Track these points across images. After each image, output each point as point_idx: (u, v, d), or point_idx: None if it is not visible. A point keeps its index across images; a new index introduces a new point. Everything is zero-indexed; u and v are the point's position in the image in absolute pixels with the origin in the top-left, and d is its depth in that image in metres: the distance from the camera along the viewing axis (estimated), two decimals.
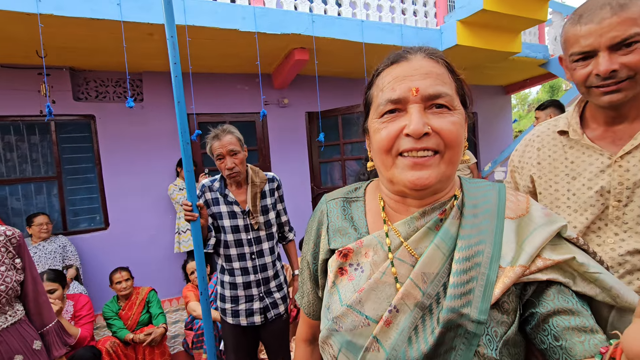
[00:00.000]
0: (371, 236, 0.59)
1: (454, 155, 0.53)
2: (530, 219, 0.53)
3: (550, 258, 0.49)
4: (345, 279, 0.58)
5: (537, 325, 0.48)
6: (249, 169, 1.83)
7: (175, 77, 1.58)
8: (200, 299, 1.67)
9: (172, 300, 4.08)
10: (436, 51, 0.57)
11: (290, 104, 4.63)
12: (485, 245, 0.51)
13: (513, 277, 0.48)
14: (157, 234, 3.97)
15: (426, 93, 0.51)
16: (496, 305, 0.49)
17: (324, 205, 0.69)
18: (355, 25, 3.61)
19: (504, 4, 3.60)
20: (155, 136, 3.96)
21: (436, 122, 0.51)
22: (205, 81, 4.13)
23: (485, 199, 0.56)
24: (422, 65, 0.54)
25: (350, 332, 0.54)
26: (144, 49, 3.29)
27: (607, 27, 0.76)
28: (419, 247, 0.55)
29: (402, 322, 0.51)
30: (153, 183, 3.94)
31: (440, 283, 0.52)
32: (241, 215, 1.75)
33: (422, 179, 0.51)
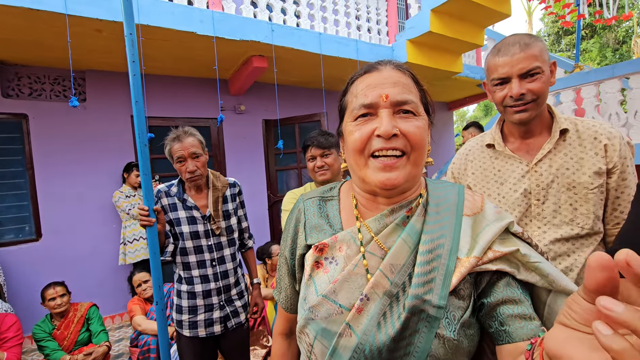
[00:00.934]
0: (345, 232, 0.64)
1: (418, 157, 0.59)
2: (484, 216, 0.60)
3: (499, 250, 0.55)
4: (321, 272, 0.63)
5: (487, 312, 0.55)
6: (210, 173, 1.78)
7: (133, 75, 1.52)
8: (156, 310, 1.58)
9: (115, 317, 3.75)
10: (403, 64, 0.65)
11: (246, 111, 4.58)
12: (445, 239, 0.57)
13: (468, 267, 0.54)
14: (99, 245, 3.65)
15: (395, 99, 0.58)
16: (454, 292, 0.55)
17: (301, 204, 0.74)
18: (314, 37, 3.72)
19: (448, 28, 3.96)
20: (98, 139, 3.68)
21: (403, 125, 0.58)
22: (158, 83, 3.95)
23: (446, 198, 0.63)
24: (391, 75, 0.60)
25: (325, 320, 0.58)
26: (89, 46, 3.07)
27: (517, 60, 0.97)
28: (387, 241, 0.60)
29: (372, 309, 0.56)
30: (95, 190, 3.64)
31: (406, 273, 0.57)
32: (201, 221, 1.69)
33: (391, 179, 0.57)
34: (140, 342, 2.64)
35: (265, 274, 3.25)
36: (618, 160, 1.00)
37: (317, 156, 1.63)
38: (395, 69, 0.62)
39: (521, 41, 0.98)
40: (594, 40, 14.67)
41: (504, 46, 1.00)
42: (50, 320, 2.56)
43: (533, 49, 0.97)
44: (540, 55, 0.97)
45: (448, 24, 3.94)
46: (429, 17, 3.77)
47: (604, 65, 12.75)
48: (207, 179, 1.76)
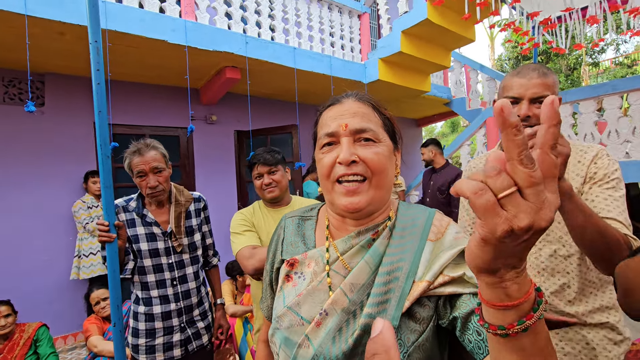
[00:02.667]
0: (315, 250, 0.69)
1: (380, 180, 0.62)
2: (442, 242, 0.62)
3: (448, 275, 0.58)
4: (290, 285, 0.68)
5: (463, 326, 0.56)
6: (173, 188, 1.71)
7: (97, 84, 1.45)
8: (113, 332, 1.48)
9: (68, 337, 3.48)
10: (365, 95, 0.69)
11: (218, 121, 4.51)
12: (405, 262, 0.60)
13: (419, 291, 0.57)
14: (51, 259, 3.40)
15: (353, 128, 0.63)
16: (410, 315, 0.58)
17: (283, 222, 0.80)
18: (288, 51, 3.75)
19: (417, 49, 4.14)
20: (57, 146, 3.46)
21: (362, 152, 0.62)
22: (124, 90, 3.80)
23: (413, 222, 0.66)
24: (351, 106, 0.66)
25: (287, 330, 0.63)
26: (51, 48, 2.92)
27: (532, 85, 1.02)
28: (352, 261, 0.64)
29: (330, 323, 0.60)
30: (48, 200, 3.41)
31: (366, 292, 0.60)
32: (162, 237, 1.60)
33: (354, 203, 0.61)
34: None
35: (234, 290, 3.15)
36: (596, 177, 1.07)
37: (264, 173, 1.59)
38: (356, 100, 0.67)
39: (540, 69, 1.04)
40: (549, 65, 15.89)
41: (524, 69, 1.05)
42: None
43: (549, 79, 1.02)
44: (552, 86, 1.02)
45: (417, 45, 4.12)
46: (400, 38, 3.93)
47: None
48: (169, 194, 1.69)
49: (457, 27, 3.98)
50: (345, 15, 4.58)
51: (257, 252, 1.42)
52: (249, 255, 1.41)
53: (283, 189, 1.62)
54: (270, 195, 1.58)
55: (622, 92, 3.47)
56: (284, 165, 1.66)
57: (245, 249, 1.45)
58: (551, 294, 1.11)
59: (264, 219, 1.62)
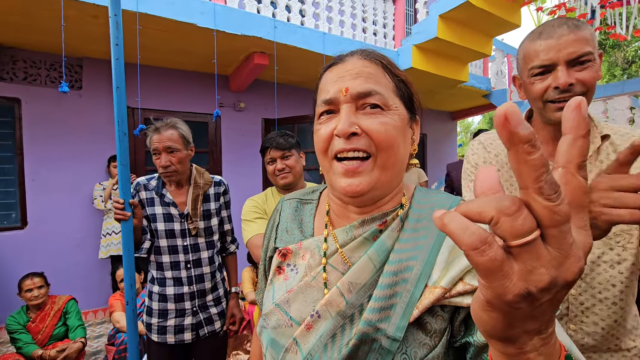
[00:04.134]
0: (311, 239, 0.59)
1: (387, 159, 0.51)
2: None
3: (470, 283, 0.46)
4: (281, 278, 0.59)
5: (477, 354, 0.45)
6: (194, 169, 1.68)
7: (116, 59, 1.43)
8: (125, 310, 1.48)
9: (98, 312, 3.65)
10: (373, 52, 0.56)
11: (246, 109, 4.51)
12: (417, 261, 0.49)
13: (432, 299, 0.46)
14: (85, 237, 3.56)
15: (355, 91, 0.51)
16: (419, 325, 0.47)
17: (280, 205, 0.71)
18: (318, 36, 3.64)
19: (455, 35, 3.88)
20: (92, 129, 3.60)
21: (365, 122, 0.50)
22: (155, 75, 3.87)
23: (431, 212, 0.53)
24: (355, 66, 0.53)
25: (274, 331, 0.54)
26: (87, 32, 3.00)
27: (565, 43, 0.80)
28: (353, 255, 0.54)
29: (322, 328, 0.51)
30: (84, 180, 3.56)
31: (366, 294, 0.50)
32: (178, 219, 1.58)
33: (353, 185, 0.50)
34: (118, 340, 2.54)
35: (254, 277, 3.14)
36: None
37: (276, 158, 1.51)
38: (362, 58, 0.54)
39: (569, 22, 0.81)
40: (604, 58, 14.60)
41: (548, 28, 0.83)
42: (25, 312, 2.47)
43: (584, 31, 0.79)
44: (592, 40, 0.80)
45: (455, 31, 3.86)
46: (437, 22, 3.69)
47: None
48: (190, 175, 1.66)
49: (501, 11, 3.68)
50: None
51: None
52: (259, 243, 1.35)
53: (297, 175, 1.53)
54: (284, 181, 1.50)
55: None
56: (298, 150, 1.57)
57: (257, 237, 1.39)
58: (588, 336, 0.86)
59: None
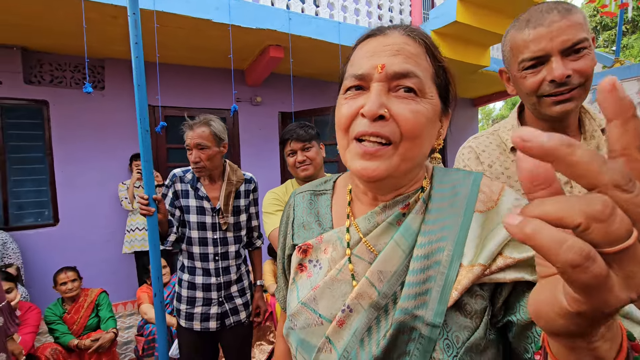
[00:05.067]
0: (331, 232, 0.56)
1: (410, 150, 0.47)
2: (497, 212, 0.47)
3: (511, 256, 0.43)
4: (304, 276, 0.56)
5: (519, 333, 0.43)
6: (227, 166, 1.72)
7: (136, 57, 1.46)
8: (154, 302, 1.53)
9: (127, 304, 3.81)
10: (418, 29, 0.51)
11: (263, 103, 4.52)
12: (447, 242, 0.47)
13: (471, 278, 0.43)
14: (113, 232, 3.70)
15: (391, 70, 0.46)
16: (458, 307, 0.45)
17: (292, 199, 0.67)
18: (333, 26, 3.59)
19: (475, 18, 3.73)
20: (115, 127, 3.71)
21: (396, 106, 0.46)
22: (173, 72, 3.94)
23: (454, 191, 0.51)
24: (396, 41, 0.48)
25: (303, 331, 0.52)
26: (107, 33, 3.07)
27: (557, 30, 0.72)
28: (378, 243, 0.51)
29: (356, 322, 0.48)
30: (110, 177, 3.68)
31: (398, 282, 0.48)
32: (210, 213, 1.63)
33: (369, 169, 0.46)
34: (146, 331, 2.64)
35: (275, 270, 3.19)
36: None
37: (297, 150, 1.50)
38: (404, 34, 0.49)
39: (559, 6, 0.73)
40: (636, 36, 13.70)
41: (536, 14, 0.75)
42: (61, 304, 2.59)
43: (577, 15, 0.72)
44: (585, 24, 0.72)
45: (475, 13, 3.71)
46: (456, 5, 3.56)
47: None
48: (223, 171, 1.71)
49: None
50: None
51: None
52: None
53: (317, 167, 1.52)
54: (305, 173, 1.50)
55: None
56: (318, 141, 1.56)
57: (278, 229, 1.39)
58: None
59: None
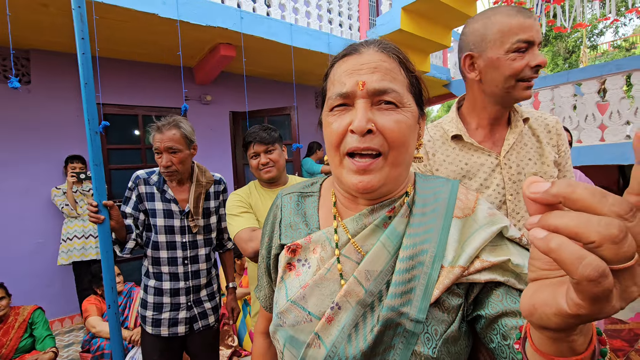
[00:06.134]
0: (320, 232, 0.59)
1: (398, 156, 0.52)
2: (475, 219, 0.53)
3: (487, 260, 0.49)
4: (292, 275, 0.58)
5: (487, 325, 0.49)
6: (196, 167, 1.67)
7: (82, 54, 1.36)
8: (108, 314, 1.45)
9: (65, 320, 3.46)
10: (390, 45, 0.55)
11: (213, 102, 4.39)
12: (430, 244, 0.51)
13: (452, 278, 0.49)
14: (45, 242, 3.34)
15: (372, 87, 0.50)
16: (437, 303, 0.50)
17: (279, 200, 0.69)
18: (285, 27, 3.61)
19: (418, 27, 4.01)
20: (44, 127, 3.35)
21: (381, 119, 0.50)
22: (115, 68, 3.66)
23: (435, 197, 0.56)
24: (372, 59, 0.52)
25: (292, 328, 0.54)
26: (34, 22, 2.76)
27: (537, 27, 0.85)
28: (365, 244, 0.55)
29: (344, 319, 0.51)
30: (39, 182, 3.31)
31: (384, 281, 0.52)
32: (179, 216, 1.58)
33: (365, 182, 0.51)
34: (93, 346, 2.44)
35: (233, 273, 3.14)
36: (565, 149, 1.00)
37: (260, 153, 1.53)
38: (379, 51, 0.53)
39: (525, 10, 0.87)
40: (547, 48, 15.67)
41: (519, 9, 0.86)
42: None
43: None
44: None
45: (418, 23, 3.99)
46: (400, 15, 3.80)
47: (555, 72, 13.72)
48: (192, 172, 1.65)
49: (459, 4, 3.85)
50: None
51: (256, 234, 1.37)
52: (248, 237, 1.36)
53: (280, 169, 1.56)
54: (268, 175, 1.52)
55: (626, 72, 3.41)
56: (280, 144, 1.59)
57: (244, 231, 1.40)
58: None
59: (261, 200, 1.56)
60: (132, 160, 3.90)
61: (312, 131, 5.06)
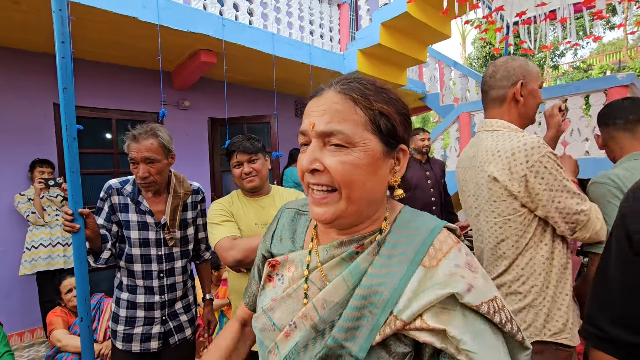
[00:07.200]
0: (297, 253, 0.63)
1: (351, 193, 0.52)
2: (433, 274, 0.50)
3: (427, 322, 0.47)
4: (270, 286, 0.64)
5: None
6: (173, 176, 1.59)
7: (62, 58, 1.33)
8: (80, 327, 1.38)
9: (24, 334, 3.24)
10: (351, 83, 0.55)
11: (191, 107, 4.32)
12: (385, 288, 0.51)
13: (393, 328, 0.49)
14: (5, 252, 3.13)
15: (319, 130, 0.52)
16: (385, 346, 0.51)
17: (280, 212, 0.75)
18: (267, 37, 3.64)
19: (396, 42, 4.16)
20: (10, 129, 3.17)
21: (328, 160, 0.51)
22: (89, 70, 3.54)
23: (408, 239, 0.54)
24: (326, 101, 0.53)
25: (261, 332, 0.60)
26: (4, 19, 2.64)
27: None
28: (330, 273, 0.57)
29: (297, 337, 0.55)
30: (1, 188, 3.12)
31: (338, 312, 0.53)
32: (154, 228, 1.52)
33: (319, 214, 0.54)
34: None
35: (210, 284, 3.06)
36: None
37: (243, 162, 1.53)
38: (337, 92, 0.53)
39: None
40: None
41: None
42: None
43: None
44: None
45: (396, 38, 4.14)
46: (379, 30, 3.92)
47: None
48: (169, 182, 1.58)
49: (435, 22, 4.04)
50: (325, 3, 4.51)
51: (237, 243, 1.36)
52: (229, 246, 1.35)
53: (263, 178, 1.56)
54: (250, 184, 1.52)
55: (584, 93, 3.68)
56: (264, 154, 1.60)
57: (225, 239, 1.39)
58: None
59: (243, 209, 1.56)
60: (104, 165, 3.76)
61: (292, 139, 5.07)
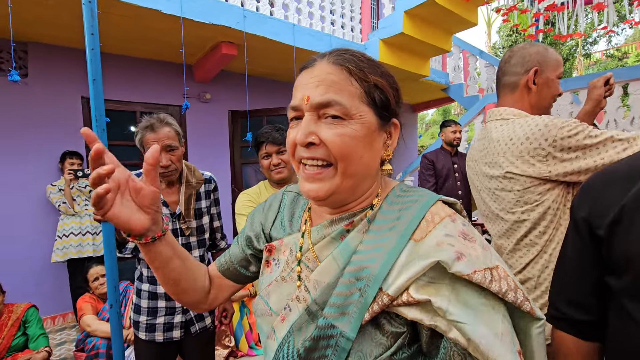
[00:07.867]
0: (291, 236, 0.63)
1: (348, 167, 0.51)
2: (421, 245, 0.48)
3: (412, 295, 0.45)
4: (268, 271, 0.64)
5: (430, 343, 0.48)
6: (184, 167, 1.61)
7: (91, 50, 1.34)
8: (110, 314, 1.42)
9: (57, 318, 3.40)
10: (342, 55, 0.53)
11: (212, 100, 4.36)
12: (374, 264, 0.49)
13: (381, 305, 0.47)
14: (39, 240, 3.28)
15: (315, 101, 0.50)
16: (377, 325, 0.49)
17: (281, 194, 0.74)
18: (288, 28, 3.60)
19: (419, 31, 4.03)
20: (40, 122, 3.29)
21: (324, 132, 0.50)
22: (114, 64, 3.61)
23: (399, 214, 0.52)
24: (319, 73, 0.51)
25: (260, 318, 0.61)
26: (34, 15, 2.72)
27: None
28: (322, 254, 0.56)
29: (292, 320, 0.54)
30: (34, 179, 3.26)
31: (330, 293, 0.51)
32: (170, 219, 1.54)
33: (313, 191, 0.52)
34: (88, 345, 2.40)
35: None
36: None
37: (272, 153, 1.52)
38: (330, 63, 0.52)
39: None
40: None
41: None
42: None
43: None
44: None
45: (419, 27, 4.01)
46: (402, 18, 3.81)
47: None
48: (180, 173, 1.60)
49: (461, 9, 3.88)
50: None
51: None
52: None
53: (291, 170, 1.55)
54: (279, 176, 1.51)
55: (623, 81, 3.47)
56: None
57: None
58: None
59: None
60: (129, 157, 3.86)
61: None
